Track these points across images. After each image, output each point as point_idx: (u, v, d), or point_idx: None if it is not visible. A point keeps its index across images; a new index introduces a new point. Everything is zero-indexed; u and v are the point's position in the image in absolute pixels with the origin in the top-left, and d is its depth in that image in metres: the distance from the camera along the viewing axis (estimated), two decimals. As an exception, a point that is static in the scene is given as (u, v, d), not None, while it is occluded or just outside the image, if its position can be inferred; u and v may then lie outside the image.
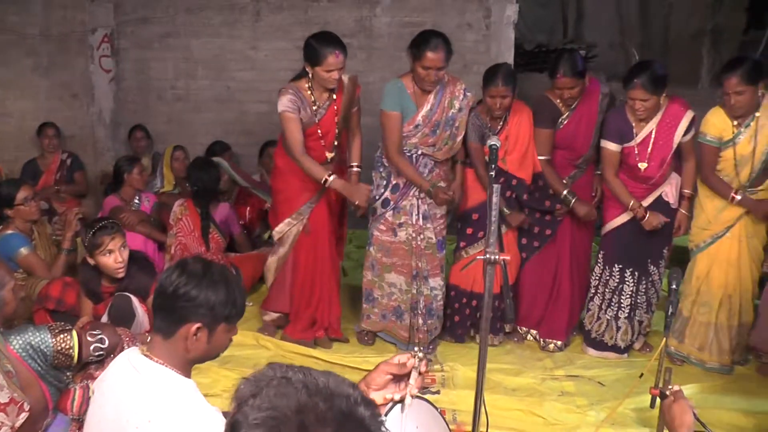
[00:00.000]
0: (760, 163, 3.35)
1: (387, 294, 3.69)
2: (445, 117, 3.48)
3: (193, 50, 5.76)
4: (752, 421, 3.12)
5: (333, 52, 3.25)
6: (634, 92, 3.31)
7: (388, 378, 1.48)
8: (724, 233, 3.48)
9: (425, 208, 3.55)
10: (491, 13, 5.60)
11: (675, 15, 7.12)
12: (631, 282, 3.62)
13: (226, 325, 1.72)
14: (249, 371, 3.35)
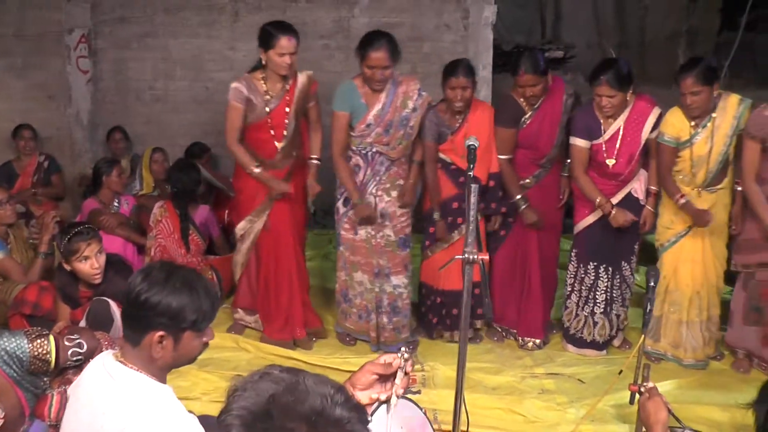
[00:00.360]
0: (716, 164, 3.44)
1: (359, 293, 3.74)
2: (398, 116, 3.50)
3: (171, 50, 5.71)
4: (727, 415, 3.17)
5: (286, 36, 3.31)
6: (600, 89, 3.39)
7: (373, 378, 1.49)
8: (687, 232, 3.57)
9: (383, 206, 3.60)
10: (469, 14, 5.63)
11: (651, 16, 7.23)
12: (605, 278, 3.69)
13: (192, 332, 1.67)
14: (229, 374, 3.42)
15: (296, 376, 1.00)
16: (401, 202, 3.62)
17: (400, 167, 3.64)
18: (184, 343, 1.67)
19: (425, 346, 3.86)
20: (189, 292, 1.64)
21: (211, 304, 1.69)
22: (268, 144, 3.50)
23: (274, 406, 0.95)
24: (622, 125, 3.51)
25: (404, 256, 3.70)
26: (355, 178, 3.60)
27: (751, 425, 3.07)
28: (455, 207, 3.72)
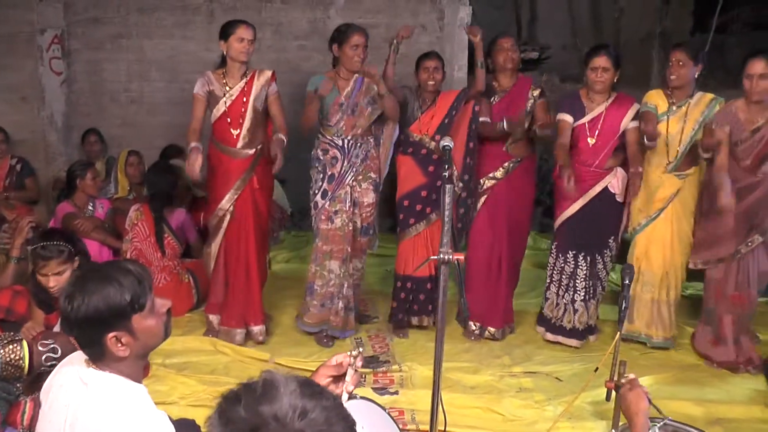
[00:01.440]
0: (685, 145, 3.73)
1: (326, 282, 3.90)
2: (365, 99, 3.85)
3: (146, 51, 5.66)
4: (701, 410, 3.23)
5: (244, 24, 3.66)
6: (599, 60, 3.69)
7: (328, 380, 1.55)
8: (658, 215, 3.84)
9: (356, 196, 3.89)
10: (444, 15, 5.67)
11: (625, 18, 7.32)
12: (584, 266, 3.88)
13: (138, 314, 1.62)
14: (207, 377, 3.39)
15: (269, 381, 1.05)
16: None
17: (372, 161, 3.92)
18: (139, 328, 1.63)
19: (403, 347, 3.87)
20: (107, 283, 1.60)
21: (134, 279, 1.62)
22: (227, 133, 3.75)
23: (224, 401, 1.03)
24: (604, 111, 3.77)
25: (364, 242, 3.99)
26: (333, 170, 3.85)
27: (725, 419, 3.16)
28: (424, 195, 3.95)
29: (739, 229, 3.62)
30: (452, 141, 2.45)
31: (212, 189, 3.91)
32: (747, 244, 3.62)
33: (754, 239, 3.62)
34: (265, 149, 3.80)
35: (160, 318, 1.69)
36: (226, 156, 3.77)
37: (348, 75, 3.81)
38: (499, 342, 4.03)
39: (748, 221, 3.61)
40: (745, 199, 3.57)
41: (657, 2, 7.22)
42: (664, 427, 2.04)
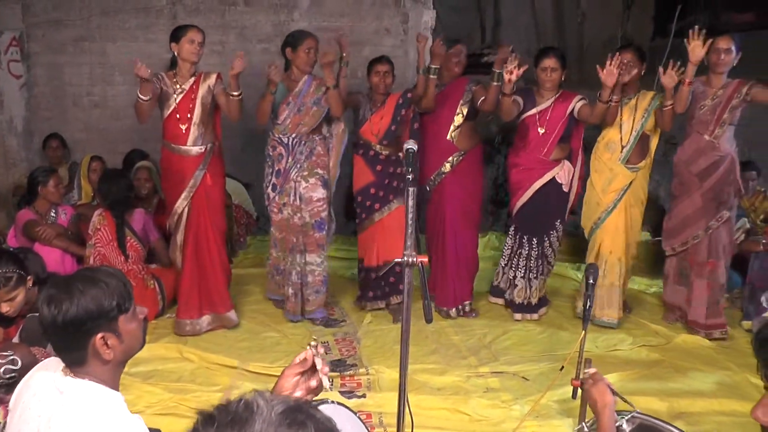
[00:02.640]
0: (637, 132, 4.16)
1: (285, 264, 4.28)
2: (312, 99, 4.13)
3: (109, 55, 5.59)
4: (665, 405, 3.30)
5: (194, 28, 3.90)
6: (548, 60, 4.14)
7: (296, 379, 1.58)
8: (614, 207, 4.23)
9: (301, 191, 4.17)
10: (408, 19, 5.71)
11: (588, 23, 7.46)
12: (534, 246, 4.34)
13: (124, 315, 1.64)
14: (174, 385, 3.34)
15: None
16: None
17: (318, 158, 4.20)
18: (124, 330, 1.64)
19: (370, 351, 3.87)
20: (94, 285, 1.61)
21: (119, 282, 1.65)
22: (177, 129, 3.96)
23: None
24: (552, 105, 4.19)
25: (319, 237, 4.22)
26: (280, 165, 4.17)
27: (688, 412, 3.23)
28: (373, 193, 4.34)
29: (708, 207, 4.07)
30: (415, 144, 2.46)
31: (168, 190, 4.13)
32: (717, 219, 4.08)
33: (722, 214, 4.08)
34: (215, 148, 4.04)
35: (140, 323, 1.70)
36: (178, 155, 3.97)
37: (299, 76, 4.12)
38: (457, 330, 4.16)
39: (716, 198, 4.05)
40: (710, 178, 4.04)
41: (619, 7, 7.38)
42: (631, 420, 2.06)
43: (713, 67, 3.97)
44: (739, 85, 3.97)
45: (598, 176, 4.29)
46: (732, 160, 4.07)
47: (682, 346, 4.05)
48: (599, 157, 4.30)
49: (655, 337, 4.19)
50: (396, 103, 4.26)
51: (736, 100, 3.97)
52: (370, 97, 4.32)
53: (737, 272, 5.01)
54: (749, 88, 3.93)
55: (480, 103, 4.22)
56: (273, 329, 4.17)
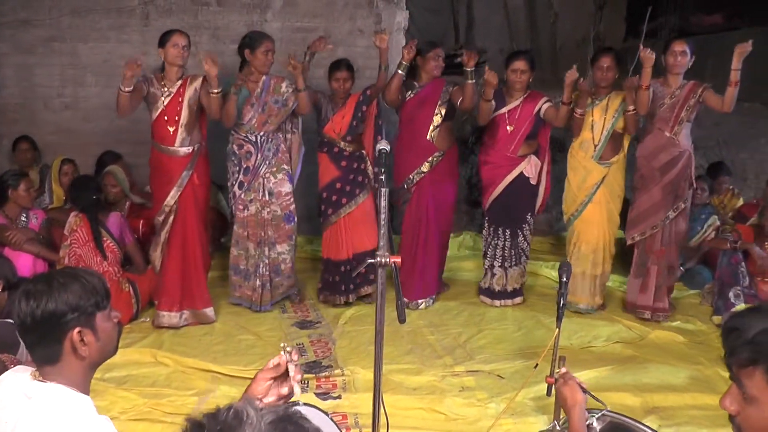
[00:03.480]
0: (608, 131, 4.39)
1: (246, 261, 4.41)
2: (273, 98, 4.32)
3: (80, 55, 5.50)
4: (639, 400, 3.35)
5: (178, 32, 4.03)
6: (518, 63, 4.38)
7: (268, 384, 1.57)
8: (589, 200, 4.47)
9: (270, 186, 4.35)
10: (382, 20, 5.71)
11: (561, 23, 7.53)
12: (507, 238, 4.58)
13: (101, 312, 1.63)
14: (148, 390, 3.31)
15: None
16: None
17: (283, 154, 4.41)
18: (100, 328, 1.62)
19: (345, 352, 3.86)
20: (75, 280, 1.60)
21: (99, 281, 1.65)
22: (165, 131, 4.06)
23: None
24: (520, 105, 4.43)
25: (288, 228, 4.42)
26: (248, 163, 4.32)
27: (661, 407, 3.28)
28: (338, 187, 4.51)
29: (666, 199, 4.35)
30: (387, 144, 2.46)
31: (156, 188, 4.20)
32: (674, 210, 4.36)
33: (679, 205, 4.36)
34: (201, 148, 4.15)
35: (115, 326, 1.68)
36: (166, 156, 4.08)
37: (257, 77, 4.29)
38: (432, 329, 4.19)
39: (673, 191, 4.34)
40: (670, 172, 4.31)
41: (591, 8, 7.47)
42: (602, 418, 2.08)
43: (670, 68, 4.24)
44: (695, 86, 4.25)
45: (573, 174, 4.52)
46: (689, 156, 4.35)
47: (656, 342, 4.12)
48: (574, 155, 4.52)
49: (629, 333, 4.25)
50: (357, 101, 4.47)
51: (692, 100, 4.24)
52: (331, 98, 4.51)
53: (707, 269, 5.12)
54: (703, 90, 4.22)
55: (459, 104, 4.41)
56: (248, 332, 4.15)
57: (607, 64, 4.32)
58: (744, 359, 1.13)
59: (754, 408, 1.13)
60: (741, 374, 1.15)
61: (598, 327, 4.30)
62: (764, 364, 1.11)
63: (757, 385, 1.12)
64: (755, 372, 1.12)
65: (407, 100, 4.48)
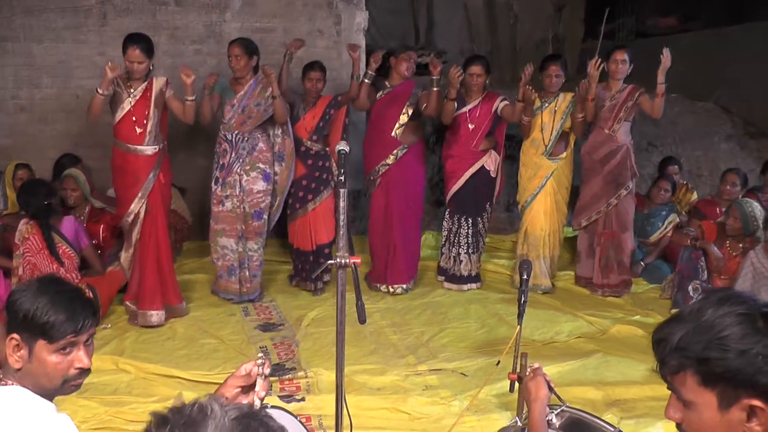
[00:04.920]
0: (557, 131, 4.81)
1: (221, 256, 4.57)
2: (255, 101, 4.46)
3: (35, 56, 5.37)
4: (601, 394, 3.41)
5: (131, 46, 4.00)
6: (474, 68, 4.72)
7: (237, 391, 1.54)
8: (539, 191, 4.90)
9: (244, 184, 4.48)
10: (341, 20, 5.72)
11: (520, 25, 7.64)
12: (465, 226, 4.91)
13: (44, 342, 1.54)
14: (109, 398, 3.24)
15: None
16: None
17: (261, 153, 4.51)
18: (37, 355, 1.54)
19: (309, 353, 3.85)
20: (51, 296, 1.53)
21: (69, 316, 1.54)
22: (132, 131, 4.06)
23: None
24: (480, 104, 4.78)
25: (257, 225, 4.56)
26: (224, 160, 4.48)
27: (622, 399, 3.35)
28: (305, 184, 4.75)
29: (608, 187, 4.81)
30: (347, 146, 2.46)
31: (121, 189, 4.19)
32: (617, 197, 4.81)
33: (620, 193, 4.81)
34: (165, 147, 4.20)
35: (68, 367, 1.58)
36: (132, 155, 4.08)
37: (245, 80, 4.41)
38: (403, 337, 4.14)
39: (614, 181, 4.79)
40: (609, 163, 4.77)
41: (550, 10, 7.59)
42: (561, 414, 2.10)
43: (611, 74, 4.71)
44: (633, 90, 4.71)
45: (525, 169, 4.97)
46: (627, 150, 4.80)
47: (616, 336, 4.19)
48: (526, 152, 4.96)
49: (590, 328, 4.32)
50: (327, 104, 4.73)
51: (630, 102, 4.71)
52: (304, 98, 4.75)
53: (666, 264, 5.25)
54: (639, 94, 4.68)
55: (424, 109, 4.71)
56: (210, 335, 4.10)
57: (555, 72, 4.75)
58: (674, 366, 1.15)
59: (693, 412, 1.15)
60: (674, 382, 1.17)
61: (560, 323, 4.37)
62: (692, 367, 1.12)
63: (690, 389, 1.14)
64: (686, 376, 1.14)
65: (378, 99, 4.77)
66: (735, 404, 1.10)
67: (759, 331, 1.10)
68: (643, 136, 6.39)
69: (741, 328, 1.10)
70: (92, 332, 1.63)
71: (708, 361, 1.10)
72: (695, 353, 1.11)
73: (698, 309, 1.15)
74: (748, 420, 1.10)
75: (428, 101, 4.63)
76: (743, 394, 1.09)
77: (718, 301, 1.14)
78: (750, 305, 1.14)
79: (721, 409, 1.11)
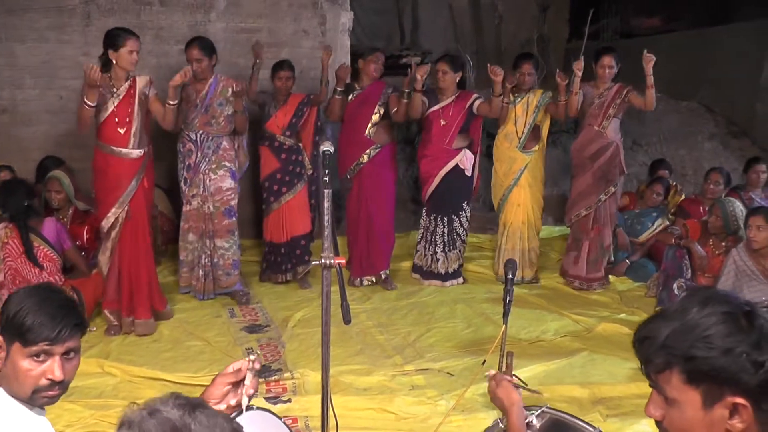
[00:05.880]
0: (530, 125, 4.98)
1: (189, 252, 4.62)
2: (218, 100, 4.48)
3: (18, 56, 5.32)
4: (586, 392, 3.43)
5: (133, 37, 3.91)
6: (440, 65, 4.86)
7: (227, 389, 1.54)
8: (515, 184, 5.04)
9: (210, 183, 4.52)
10: (326, 20, 5.72)
11: (505, 25, 7.68)
12: (441, 225, 5.01)
13: (20, 345, 1.52)
14: (95, 402, 3.22)
15: (188, 416, 0.98)
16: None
17: (225, 152, 4.55)
18: (12, 358, 1.53)
19: (295, 355, 3.84)
20: (37, 300, 1.53)
21: (47, 322, 1.51)
22: (115, 133, 3.95)
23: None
24: (453, 102, 4.88)
25: (228, 223, 4.58)
26: (190, 160, 4.51)
27: (607, 397, 3.37)
28: (279, 178, 4.92)
29: (597, 184, 4.91)
30: (332, 146, 2.44)
31: (102, 192, 4.04)
32: (605, 193, 4.91)
33: (609, 189, 4.92)
34: (150, 150, 4.10)
35: (39, 377, 1.55)
36: (116, 158, 3.95)
37: (205, 80, 4.43)
38: (387, 337, 4.14)
39: (604, 177, 4.89)
40: (599, 160, 4.88)
41: (535, 10, 7.62)
42: (541, 415, 2.09)
43: (600, 78, 4.85)
44: (621, 89, 4.81)
45: (499, 164, 5.12)
46: (617, 147, 4.89)
47: (602, 335, 4.22)
48: (499, 146, 5.11)
49: (576, 326, 4.34)
50: (299, 102, 4.92)
51: (618, 100, 4.82)
52: (274, 96, 4.91)
53: (651, 262, 5.29)
54: (627, 92, 4.79)
55: (393, 114, 4.83)
56: (196, 338, 4.08)
57: (528, 71, 4.94)
58: (659, 364, 1.16)
59: (675, 410, 1.16)
60: (659, 379, 1.17)
61: (546, 321, 4.39)
62: (678, 365, 1.13)
63: (675, 386, 1.15)
64: (672, 375, 1.14)
65: (349, 102, 4.87)
66: (719, 402, 1.11)
67: (742, 330, 1.11)
68: (628, 135, 6.44)
69: (725, 326, 1.11)
70: (71, 345, 1.58)
71: (694, 359, 1.11)
72: (681, 351, 1.12)
73: (683, 308, 1.16)
74: (731, 417, 1.11)
75: (397, 107, 4.76)
76: (727, 391, 1.10)
77: (702, 300, 1.15)
78: (733, 304, 1.15)
79: (705, 407, 1.12)
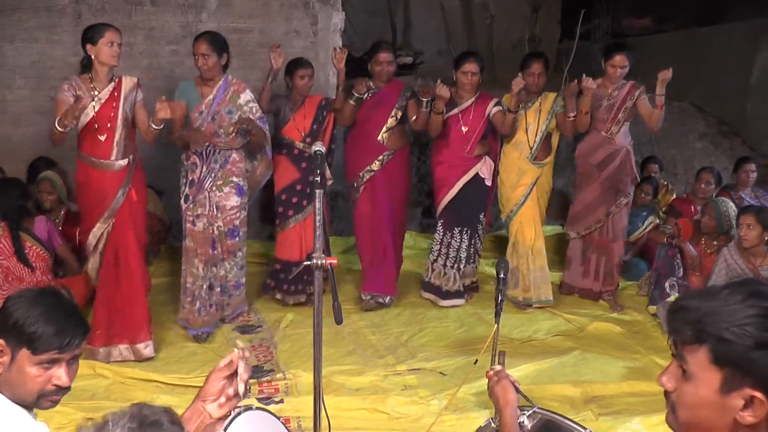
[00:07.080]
0: (542, 133, 4.50)
1: (195, 280, 4.06)
2: (227, 107, 3.99)
3: (7, 56, 5.27)
4: (579, 390, 3.44)
5: (111, 28, 3.57)
6: (467, 65, 4.36)
7: (222, 384, 1.55)
8: (525, 200, 4.58)
9: (216, 201, 4.02)
10: (318, 21, 5.70)
11: (497, 25, 7.70)
12: (466, 239, 4.54)
13: (28, 352, 1.54)
14: (86, 404, 3.20)
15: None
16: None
17: (234, 166, 4.05)
18: (18, 364, 1.55)
19: (287, 355, 3.83)
20: (45, 308, 1.54)
21: (58, 331, 1.54)
22: (95, 140, 3.60)
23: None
24: (473, 105, 4.42)
25: (232, 244, 4.09)
26: (193, 175, 3.99)
27: (600, 396, 3.38)
28: (299, 189, 4.46)
29: (607, 194, 4.54)
30: (324, 146, 2.45)
31: (86, 208, 3.75)
32: (616, 206, 4.55)
33: (620, 201, 4.55)
34: (136, 159, 3.76)
35: (46, 382, 1.57)
36: (99, 170, 3.62)
37: (213, 82, 3.97)
38: (383, 338, 4.12)
39: (613, 187, 4.52)
40: (607, 168, 4.49)
41: (526, 11, 7.65)
42: (532, 416, 2.10)
43: (610, 78, 4.42)
44: (632, 88, 4.43)
45: (507, 174, 4.63)
46: (627, 152, 4.51)
47: (594, 334, 4.24)
48: (507, 155, 4.62)
49: (569, 326, 4.36)
50: (318, 104, 4.49)
51: (629, 102, 4.42)
52: (289, 98, 4.47)
53: (643, 261, 5.31)
54: (639, 93, 4.41)
55: (411, 122, 4.48)
56: (188, 339, 4.07)
57: (538, 71, 4.44)
58: (690, 336, 1.16)
59: (690, 385, 1.17)
60: (685, 350, 1.18)
61: (538, 321, 4.41)
62: (709, 343, 1.14)
63: (699, 362, 1.15)
64: (699, 350, 1.15)
65: (365, 101, 4.43)
66: (736, 390, 1.12)
67: None
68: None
69: (765, 321, 1.12)
70: (78, 353, 1.63)
71: (726, 341, 1.12)
72: (716, 331, 1.13)
73: (729, 292, 1.16)
74: (744, 408, 1.12)
75: (417, 115, 4.39)
76: (748, 383, 1.11)
77: (750, 291, 1.15)
78: None
79: (722, 392, 1.13)
